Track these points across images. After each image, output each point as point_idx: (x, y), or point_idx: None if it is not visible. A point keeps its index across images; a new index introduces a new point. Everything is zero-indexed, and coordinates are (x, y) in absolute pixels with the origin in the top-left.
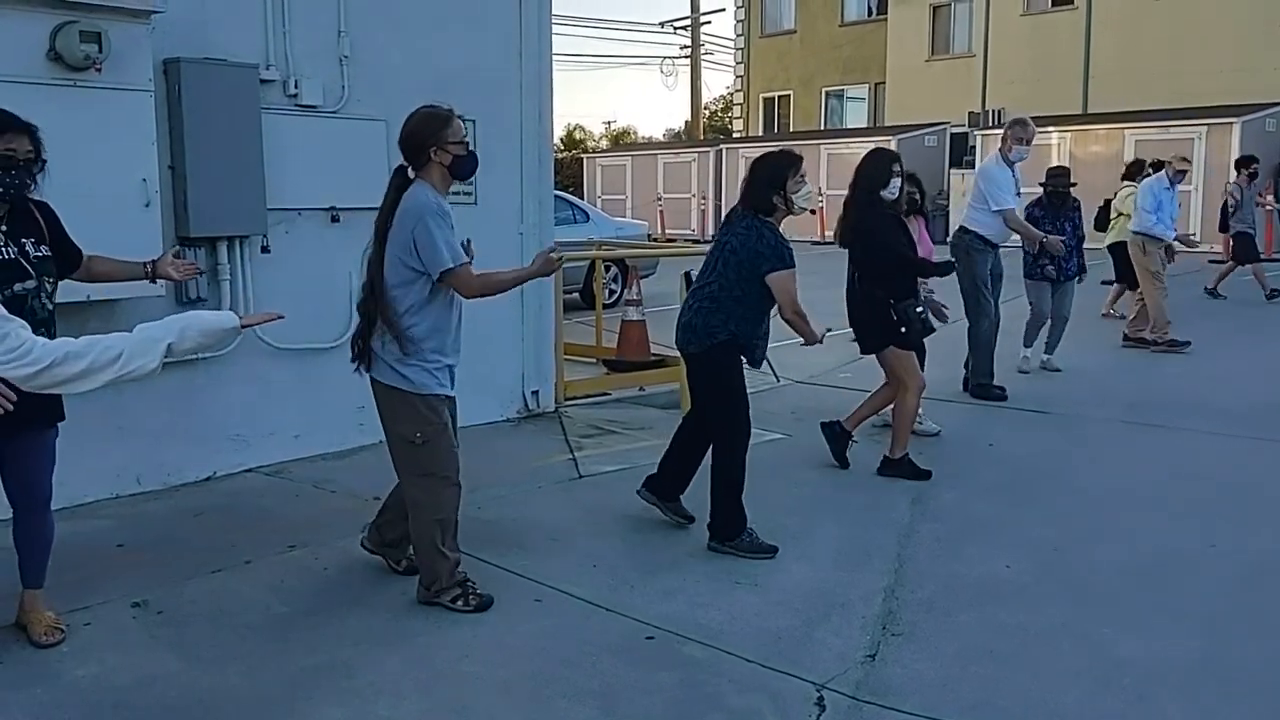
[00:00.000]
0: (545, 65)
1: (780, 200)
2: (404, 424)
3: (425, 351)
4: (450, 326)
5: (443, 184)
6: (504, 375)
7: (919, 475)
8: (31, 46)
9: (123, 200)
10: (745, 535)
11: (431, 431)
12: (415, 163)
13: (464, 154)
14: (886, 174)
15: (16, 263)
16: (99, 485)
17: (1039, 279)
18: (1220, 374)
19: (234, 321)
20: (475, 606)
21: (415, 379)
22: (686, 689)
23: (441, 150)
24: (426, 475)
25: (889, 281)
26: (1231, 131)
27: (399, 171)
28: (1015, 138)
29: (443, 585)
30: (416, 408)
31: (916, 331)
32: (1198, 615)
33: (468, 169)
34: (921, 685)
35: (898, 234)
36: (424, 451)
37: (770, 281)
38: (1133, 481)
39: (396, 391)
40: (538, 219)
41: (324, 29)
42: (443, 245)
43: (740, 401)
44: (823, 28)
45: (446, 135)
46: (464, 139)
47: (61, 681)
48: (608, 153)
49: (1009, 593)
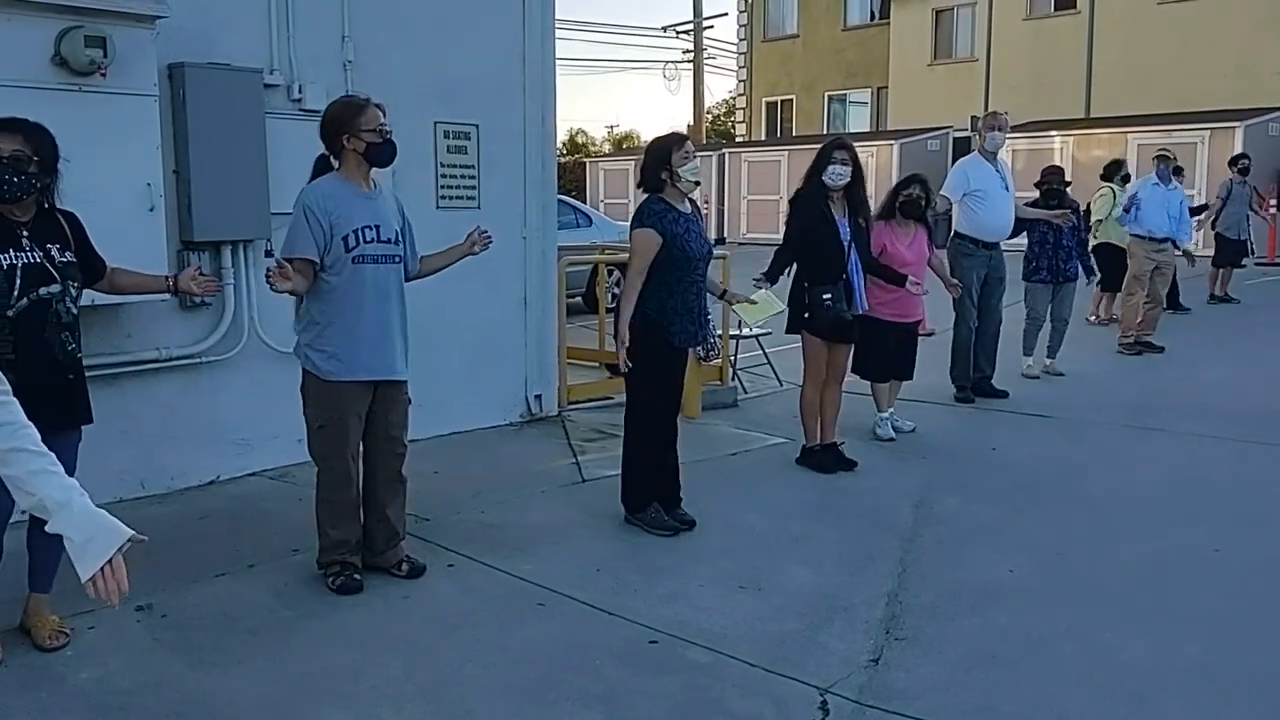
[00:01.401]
0: (548, 69)
1: (668, 176)
2: (309, 407)
3: (329, 337)
4: (356, 314)
5: (359, 172)
6: (507, 379)
7: (823, 467)
8: (36, 51)
9: (127, 204)
10: (650, 511)
11: (328, 418)
12: (332, 151)
13: (378, 141)
14: (826, 160)
15: (42, 267)
16: (102, 489)
17: (1037, 282)
18: (1222, 378)
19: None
20: (336, 588)
21: (319, 364)
22: (689, 693)
23: (354, 138)
24: (323, 458)
25: (805, 266)
26: (1234, 135)
27: (320, 159)
28: (988, 126)
29: (322, 558)
30: (319, 393)
31: (820, 318)
32: (1201, 619)
33: (382, 156)
34: (925, 689)
35: (810, 219)
36: (319, 436)
37: (631, 238)
38: (1135, 485)
39: (305, 374)
40: (541, 223)
41: (328, 34)
42: (290, 234)
43: (650, 383)
44: (825, 32)
45: (359, 123)
46: (379, 127)
47: (65, 685)
48: (610, 157)
49: (1012, 597)
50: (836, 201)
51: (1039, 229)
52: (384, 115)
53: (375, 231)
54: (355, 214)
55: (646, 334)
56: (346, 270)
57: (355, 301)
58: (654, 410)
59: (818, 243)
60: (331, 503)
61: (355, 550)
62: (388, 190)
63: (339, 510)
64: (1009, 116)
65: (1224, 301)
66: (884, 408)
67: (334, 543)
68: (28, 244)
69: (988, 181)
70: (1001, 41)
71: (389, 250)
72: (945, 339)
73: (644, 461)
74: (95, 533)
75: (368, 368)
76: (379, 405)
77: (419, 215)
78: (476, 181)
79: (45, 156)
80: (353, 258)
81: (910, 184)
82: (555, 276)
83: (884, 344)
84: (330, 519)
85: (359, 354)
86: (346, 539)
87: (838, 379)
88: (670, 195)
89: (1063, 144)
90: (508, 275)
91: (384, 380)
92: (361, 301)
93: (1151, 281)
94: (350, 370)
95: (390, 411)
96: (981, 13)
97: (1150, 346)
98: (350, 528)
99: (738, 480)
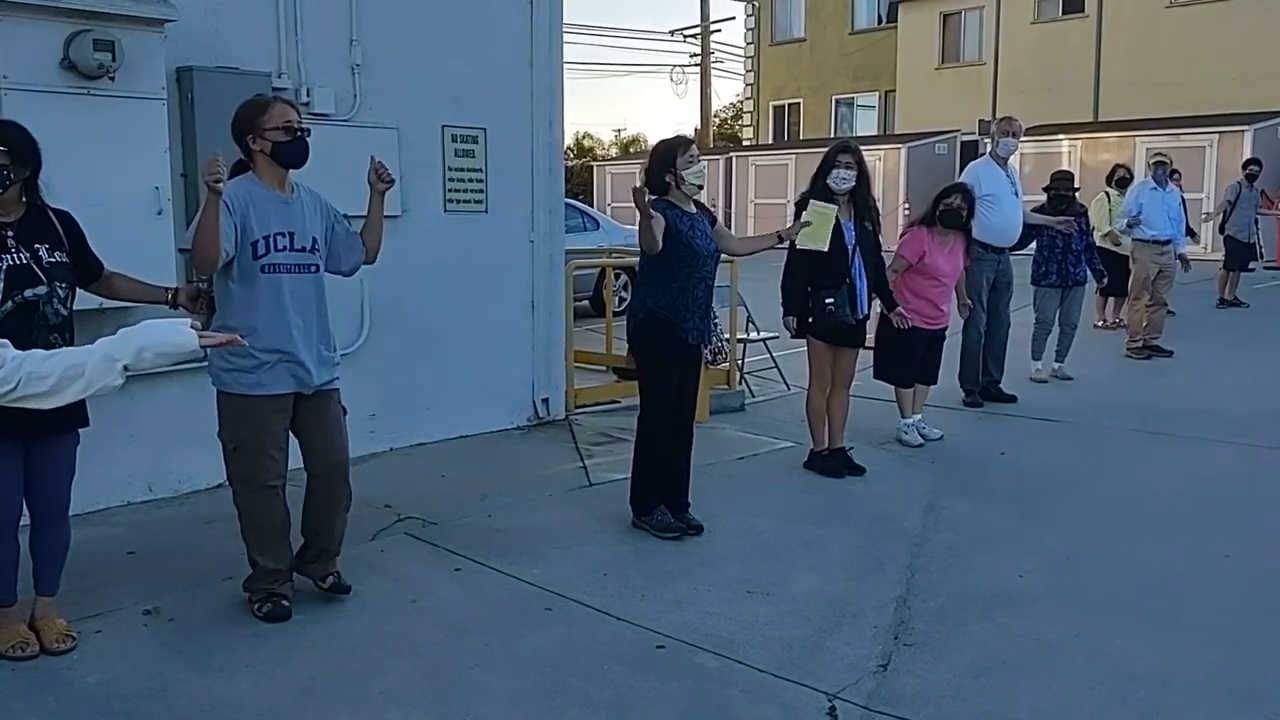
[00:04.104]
0: (556, 73)
1: (673, 179)
2: (221, 429)
3: (238, 351)
4: (269, 325)
5: (270, 174)
6: (513, 383)
7: (830, 472)
8: (45, 55)
9: (135, 208)
10: (656, 514)
11: (241, 437)
12: (244, 154)
13: (285, 140)
14: (831, 164)
15: (28, 268)
16: (110, 492)
17: (1046, 286)
18: (1234, 383)
19: (193, 343)
20: (264, 615)
21: (227, 381)
22: (697, 699)
23: (259, 138)
24: (241, 481)
25: (809, 270)
26: (1243, 139)
27: (236, 164)
28: (1001, 131)
29: (248, 584)
30: (230, 411)
31: (821, 322)
32: (1212, 626)
33: (291, 155)
34: (934, 695)
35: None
36: (233, 459)
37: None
38: (1145, 491)
39: (218, 392)
40: (548, 227)
41: (336, 38)
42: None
43: (654, 383)
44: (832, 36)
45: (262, 122)
46: (287, 124)
47: (72, 689)
48: (617, 160)
49: (1021, 603)
50: (842, 205)
51: (1047, 233)
52: (296, 112)
53: (288, 239)
54: (266, 219)
55: (655, 331)
56: (256, 280)
57: (268, 312)
58: (663, 409)
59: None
60: (257, 530)
61: (285, 577)
62: (307, 193)
63: (266, 536)
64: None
65: (1233, 305)
66: (908, 414)
67: (263, 571)
68: (13, 244)
69: (999, 186)
70: (1009, 45)
71: (304, 259)
72: (954, 343)
73: (652, 463)
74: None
75: (278, 380)
76: (305, 418)
77: (427, 219)
78: (484, 185)
79: (17, 149)
80: (261, 266)
81: (952, 193)
82: (562, 280)
83: (913, 349)
84: (257, 545)
85: (272, 368)
86: (276, 568)
87: (845, 384)
88: (675, 197)
89: (1070, 148)
90: (515, 279)
91: (303, 393)
92: (274, 312)
93: (1154, 284)
94: (259, 384)
95: (323, 424)
96: (989, 16)
97: (1159, 350)
98: (279, 554)
99: (745, 484)
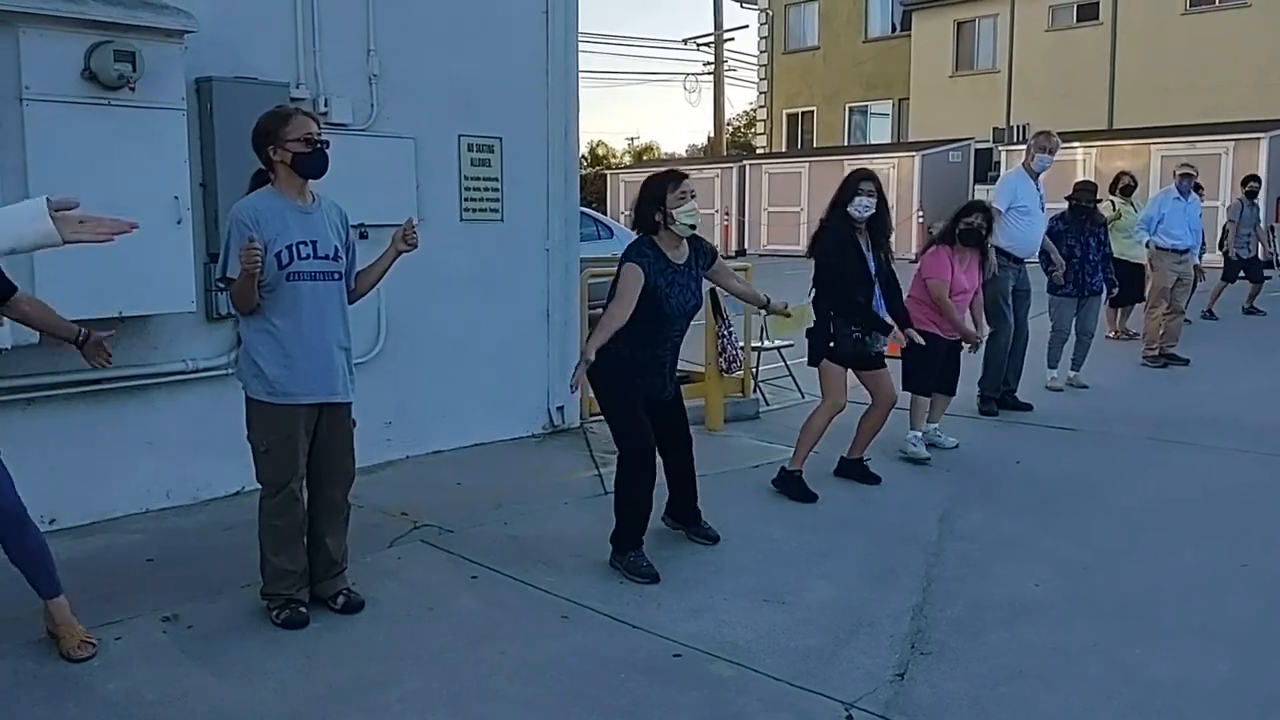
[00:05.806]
0: (571, 82)
1: (661, 218)
2: (253, 431)
3: (268, 359)
4: (296, 334)
5: (290, 184)
6: (528, 391)
7: (805, 497)
8: (66, 66)
9: (155, 217)
10: (630, 554)
11: (274, 440)
12: (265, 165)
13: (306, 151)
14: (853, 191)
15: None
16: (128, 500)
17: (1062, 294)
18: (1250, 391)
19: (41, 206)
20: (281, 622)
21: (259, 388)
22: (714, 708)
23: (280, 149)
24: (269, 483)
25: (831, 295)
26: (1259, 147)
27: (255, 175)
28: (1039, 147)
29: (266, 589)
30: (262, 416)
31: (845, 350)
32: (1229, 636)
33: (311, 167)
34: (951, 705)
35: (845, 252)
36: (265, 461)
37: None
38: (1162, 500)
39: (247, 398)
40: (564, 235)
41: (354, 48)
42: (226, 254)
43: (621, 420)
44: (846, 44)
45: (284, 133)
46: (308, 135)
47: (93, 696)
48: (631, 169)
49: (1038, 612)
50: (861, 232)
51: (1066, 242)
52: (316, 124)
53: (312, 247)
54: (289, 229)
55: (611, 365)
56: (282, 288)
57: (294, 321)
58: (636, 438)
59: (846, 274)
60: (277, 528)
61: (301, 581)
62: (328, 204)
63: (285, 535)
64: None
65: (1251, 314)
66: (918, 425)
67: (278, 572)
68: None
69: (1031, 199)
70: (1024, 52)
71: (327, 266)
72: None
73: (631, 502)
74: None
75: (309, 390)
76: (322, 427)
77: (443, 228)
78: (500, 194)
79: None
80: (287, 275)
81: (972, 212)
82: (577, 288)
83: (935, 359)
84: (273, 544)
85: (299, 376)
86: (291, 569)
87: (887, 405)
88: (664, 240)
89: (1085, 155)
90: (530, 287)
91: (327, 403)
92: (300, 321)
93: (1173, 293)
94: (290, 393)
95: (333, 435)
96: (1003, 24)
97: (1175, 358)
98: (295, 555)
99: (760, 493)
